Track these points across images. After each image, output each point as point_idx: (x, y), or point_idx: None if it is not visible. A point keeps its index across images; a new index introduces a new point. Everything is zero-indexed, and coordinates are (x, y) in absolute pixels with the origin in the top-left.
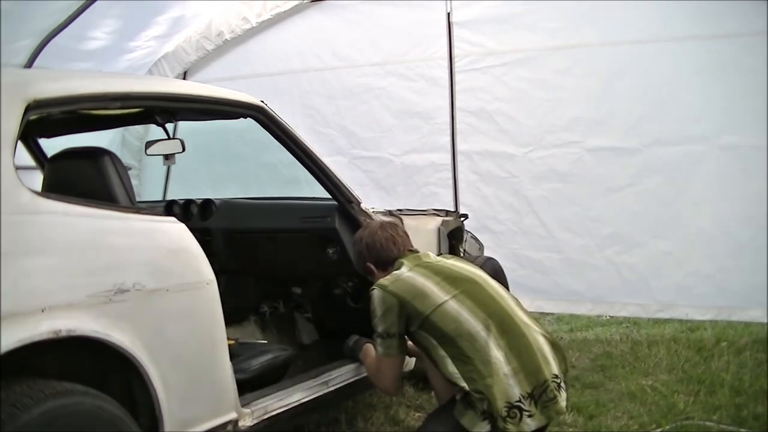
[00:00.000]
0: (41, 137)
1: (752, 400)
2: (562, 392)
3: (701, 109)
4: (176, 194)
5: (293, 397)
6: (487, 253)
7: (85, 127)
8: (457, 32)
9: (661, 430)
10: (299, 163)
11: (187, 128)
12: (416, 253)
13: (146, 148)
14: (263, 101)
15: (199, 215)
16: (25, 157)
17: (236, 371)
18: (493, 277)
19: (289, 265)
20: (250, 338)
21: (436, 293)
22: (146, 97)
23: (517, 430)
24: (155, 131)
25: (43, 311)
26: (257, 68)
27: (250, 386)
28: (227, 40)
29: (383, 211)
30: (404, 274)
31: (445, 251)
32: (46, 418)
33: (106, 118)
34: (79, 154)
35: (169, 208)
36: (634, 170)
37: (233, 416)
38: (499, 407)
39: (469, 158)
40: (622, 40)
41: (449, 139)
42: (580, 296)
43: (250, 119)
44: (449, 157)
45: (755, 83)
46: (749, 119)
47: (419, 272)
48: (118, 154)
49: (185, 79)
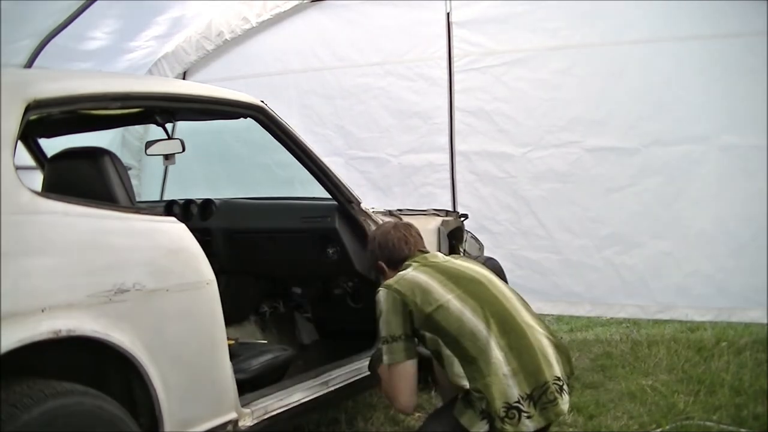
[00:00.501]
0: (41, 137)
1: (752, 400)
2: (564, 395)
3: (701, 109)
4: (173, 194)
5: (293, 397)
6: (485, 253)
7: (85, 127)
8: (456, 32)
9: (661, 430)
10: (299, 163)
11: (184, 129)
12: (426, 253)
13: (146, 148)
14: (263, 101)
15: (199, 215)
16: (25, 157)
17: (236, 371)
18: None
19: (289, 265)
20: (250, 338)
21: (438, 291)
22: (146, 97)
23: (514, 430)
24: (155, 131)
25: (43, 311)
26: (257, 68)
27: (250, 386)
28: (227, 40)
29: (383, 211)
30: (408, 273)
31: (445, 251)
32: (46, 418)
33: (106, 118)
34: (79, 154)
35: (169, 208)
36: (633, 170)
37: (233, 416)
38: (497, 407)
39: (467, 158)
40: (621, 40)
41: (447, 139)
42: (579, 297)
43: (249, 119)
44: (447, 157)
45: (755, 83)
46: (749, 119)
47: (423, 271)
48: (118, 154)
49: (185, 79)
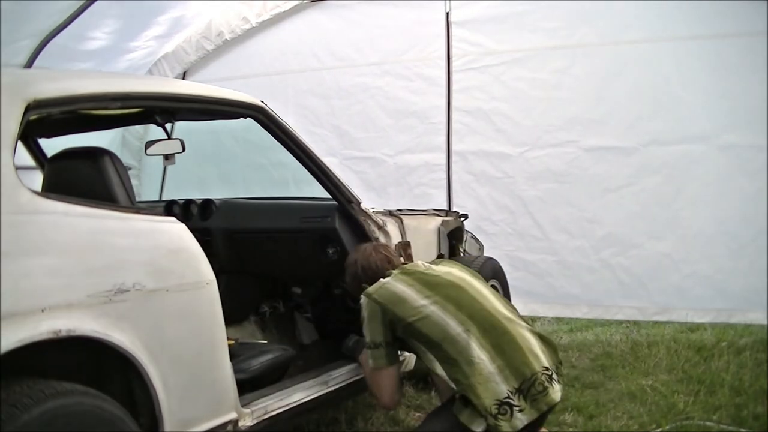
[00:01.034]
0: (41, 137)
1: (752, 400)
2: (554, 384)
3: (701, 108)
4: (171, 195)
5: (293, 397)
6: (485, 253)
7: (85, 127)
8: (455, 32)
9: (661, 430)
10: (299, 163)
11: (182, 129)
12: (407, 264)
13: (146, 148)
14: (263, 101)
15: (199, 215)
16: (25, 157)
17: (236, 371)
18: (492, 277)
19: (289, 265)
20: (250, 338)
21: (415, 299)
22: (146, 97)
23: (510, 426)
24: (155, 131)
25: (43, 311)
26: (257, 68)
27: (250, 386)
28: (227, 40)
29: (383, 211)
30: (388, 282)
31: (445, 251)
32: (46, 418)
33: (106, 118)
34: (79, 154)
35: (169, 208)
36: (631, 170)
37: (233, 416)
38: (487, 405)
39: (464, 158)
40: (620, 39)
41: (444, 138)
42: (575, 299)
43: (249, 119)
44: (444, 157)
45: (755, 83)
46: (749, 119)
47: (401, 280)
48: (118, 154)
49: (185, 79)
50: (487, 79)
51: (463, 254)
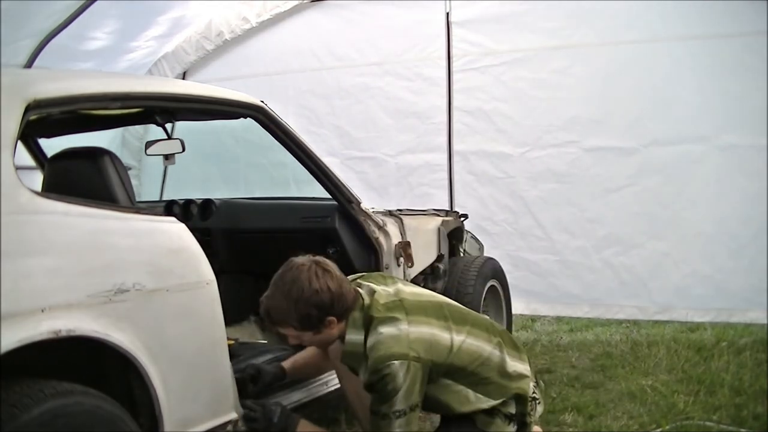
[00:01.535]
0: (41, 137)
1: (752, 400)
2: None
3: (701, 108)
4: (171, 195)
5: (293, 397)
6: (485, 253)
7: (85, 127)
8: (455, 32)
9: (661, 430)
10: (299, 163)
11: (182, 128)
12: (360, 291)
13: (146, 148)
14: (263, 101)
15: (199, 215)
16: (25, 157)
17: (236, 371)
18: (492, 277)
19: None
20: (250, 338)
21: (441, 336)
22: (146, 97)
23: (534, 417)
24: (155, 131)
25: (43, 311)
26: (257, 68)
27: None
28: (227, 40)
29: (383, 211)
30: (404, 330)
31: (445, 251)
32: (46, 418)
33: (106, 118)
34: (79, 154)
35: (169, 208)
36: (632, 170)
37: (233, 416)
38: (526, 405)
39: (465, 158)
40: (620, 39)
41: (445, 139)
42: (576, 299)
43: (249, 119)
44: (445, 157)
45: (755, 83)
46: (749, 119)
47: (414, 321)
48: (118, 154)
49: (185, 79)
50: (487, 79)
51: (463, 254)
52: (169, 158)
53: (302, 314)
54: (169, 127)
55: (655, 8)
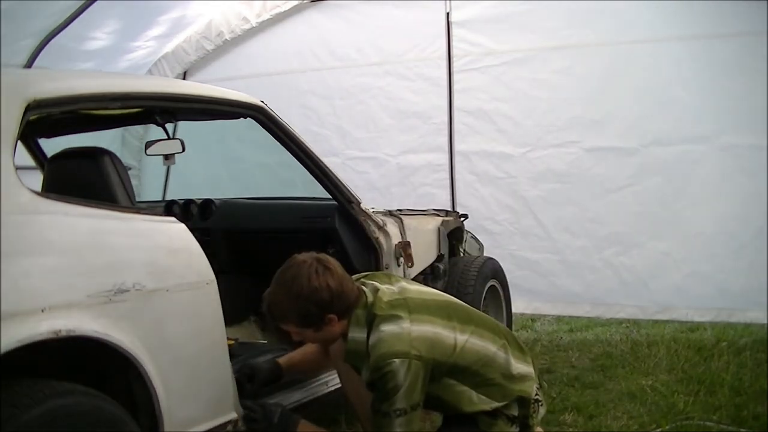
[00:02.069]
0: (41, 137)
1: (752, 400)
2: None
3: (701, 109)
4: (174, 194)
5: (293, 397)
6: (485, 253)
7: (85, 127)
8: (456, 32)
9: (661, 430)
10: (299, 163)
11: (184, 128)
12: (363, 289)
13: (146, 148)
14: (263, 101)
15: (199, 215)
16: (25, 157)
17: (234, 372)
18: (492, 277)
19: None
20: (250, 338)
21: (445, 335)
22: (146, 97)
23: (537, 420)
24: (155, 131)
25: (43, 311)
26: (257, 68)
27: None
28: (227, 40)
29: (383, 211)
30: (406, 328)
31: (445, 251)
32: (46, 418)
33: (106, 118)
34: (79, 154)
35: (169, 208)
36: (632, 170)
37: (233, 416)
38: (528, 407)
39: (466, 158)
40: (621, 40)
41: (447, 139)
42: (578, 298)
43: (249, 119)
44: (446, 157)
45: (755, 83)
46: (749, 119)
47: (417, 319)
48: (118, 154)
49: (185, 79)
50: (488, 79)
51: (463, 254)
52: (169, 158)
53: (302, 312)
54: (170, 127)
55: (655, 8)
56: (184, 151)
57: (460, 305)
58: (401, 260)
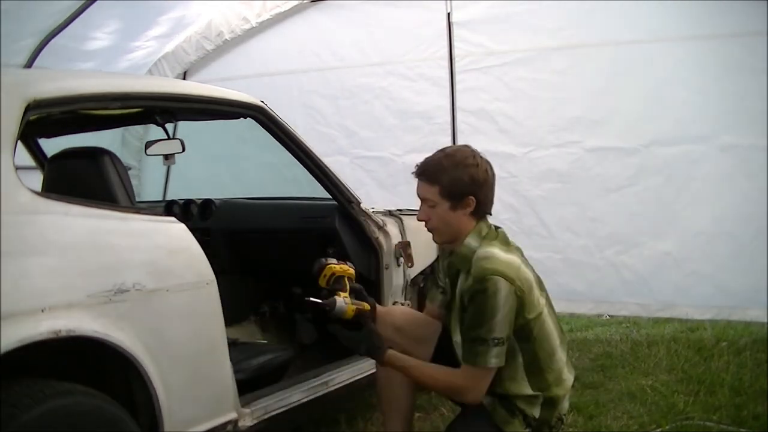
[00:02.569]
0: (41, 137)
1: (752, 400)
2: None
3: (701, 109)
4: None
5: (293, 397)
6: None
7: (85, 127)
8: (457, 32)
9: (661, 430)
10: (299, 163)
11: (186, 128)
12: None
13: (146, 148)
14: (263, 101)
15: (199, 215)
16: (25, 157)
17: (236, 371)
18: None
19: (289, 265)
20: (250, 338)
21: (536, 295)
22: (146, 97)
23: None
24: (155, 131)
25: (43, 311)
26: (257, 68)
27: (250, 386)
28: (227, 40)
29: (383, 211)
30: (519, 264)
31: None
32: (46, 418)
33: (106, 118)
34: (79, 154)
35: (169, 208)
36: (633, 170)
37: (233, 416)
38: (552, 417)
39: None
40: (621, 40)
41: (450, 139)
42: (580, 296)
43: (250, 119)
44: None
45: (755, 83)
46: (749, 119)
47: (524, 262)
48: (118, 154)
49: (185, 79)
50: (489, 79)
51: None
52: (168, 158)
53: (455, 177)
54: (170, 127)
55: (655, 8)
56: (184, 151)
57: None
58: (401, 260)
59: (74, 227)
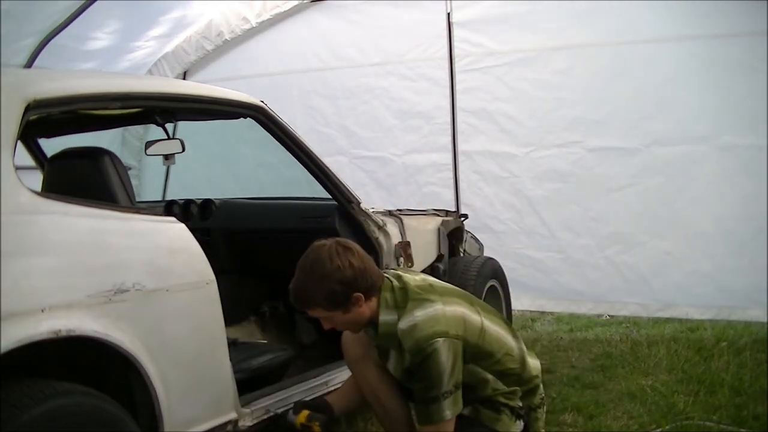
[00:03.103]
0: (41, 137)
1: (752, 400)
2: None
3: (701, 109)
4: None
5: (293, 397)
6: (487, 253)
7: (85, 127)
8: (457, 32)
9: (661, 430)
10: (299, 163)
11: (186, 128)
12: (386, 275)
13: (146, 148)
14: (263, 101)
15: (199, 215)
16: (25, 157)
17: (236, 371)
18: (492, 277)
19: (289, 265)
20: (250, 338)
21: (473, 317)
22: (146, 97)
23: (541, 418)
24: (155, 131)
25: (43, 311)
26: (257, 68)
27: (250, 386)
28: (227, 40)
29: (383, 211)
30: (443, 309)
31: (444, 251)
32: (46, 418)
33: (106, 118)
34: (79, 154)
35: (169, 208)
36: (634, 170)
37: (233, 416)
38: (535, 400)
39: (470, 158)
40: (622, 40)
41: (450, 139)
42: (581, 295)
43: (250, 119)
44: (450, 157)
45: (755, 83)
46: (749, 119)
47: (449, 301)
48: (118, 154)
49: (185, 79)
50: (489, 79)
51: (463, 254)
52: (168, 158)
53: (327, 291)
54: (170, 127)
55: (655, 8)
56: (184, 151)
57: (476, 298)
58: (401, 260)
59: (74, 227)
